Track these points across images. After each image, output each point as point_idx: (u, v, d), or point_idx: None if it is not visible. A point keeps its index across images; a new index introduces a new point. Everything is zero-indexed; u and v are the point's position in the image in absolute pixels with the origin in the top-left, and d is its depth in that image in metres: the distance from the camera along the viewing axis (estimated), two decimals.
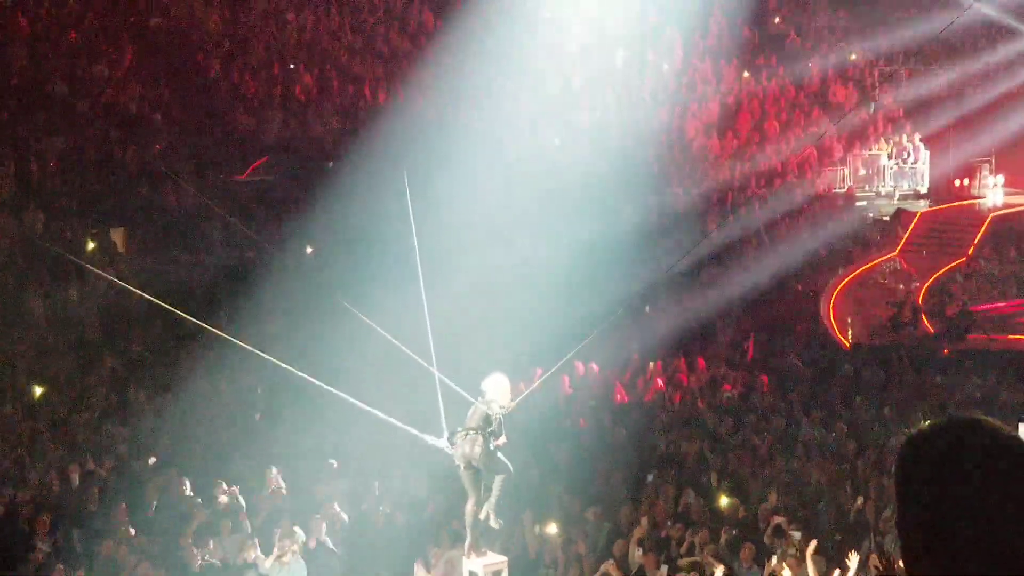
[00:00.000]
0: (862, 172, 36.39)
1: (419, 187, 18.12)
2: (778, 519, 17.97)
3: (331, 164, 31.25)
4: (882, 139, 37.00)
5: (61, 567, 17.25)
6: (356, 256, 27.00)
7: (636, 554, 17.75)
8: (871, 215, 35.72)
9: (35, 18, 32.33)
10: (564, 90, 35.69)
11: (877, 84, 38.63)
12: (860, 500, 18.77)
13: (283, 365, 15.92)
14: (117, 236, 28.15)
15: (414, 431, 15.73)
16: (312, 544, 18.22)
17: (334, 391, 16.14)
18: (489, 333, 25.53)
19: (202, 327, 16.98)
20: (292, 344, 23.82)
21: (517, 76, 34.87)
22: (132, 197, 28.63)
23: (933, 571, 2.69)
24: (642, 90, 36.75)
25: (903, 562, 2.80)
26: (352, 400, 15.89)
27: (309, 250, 28.69)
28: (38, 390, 22.85)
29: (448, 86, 34.13)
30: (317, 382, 16.00)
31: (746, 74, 38.61)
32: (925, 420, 22.03)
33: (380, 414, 15.84)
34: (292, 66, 34.39)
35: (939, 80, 37.95)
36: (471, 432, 14.54)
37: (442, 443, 14.74)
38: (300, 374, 15.98)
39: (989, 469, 2.68)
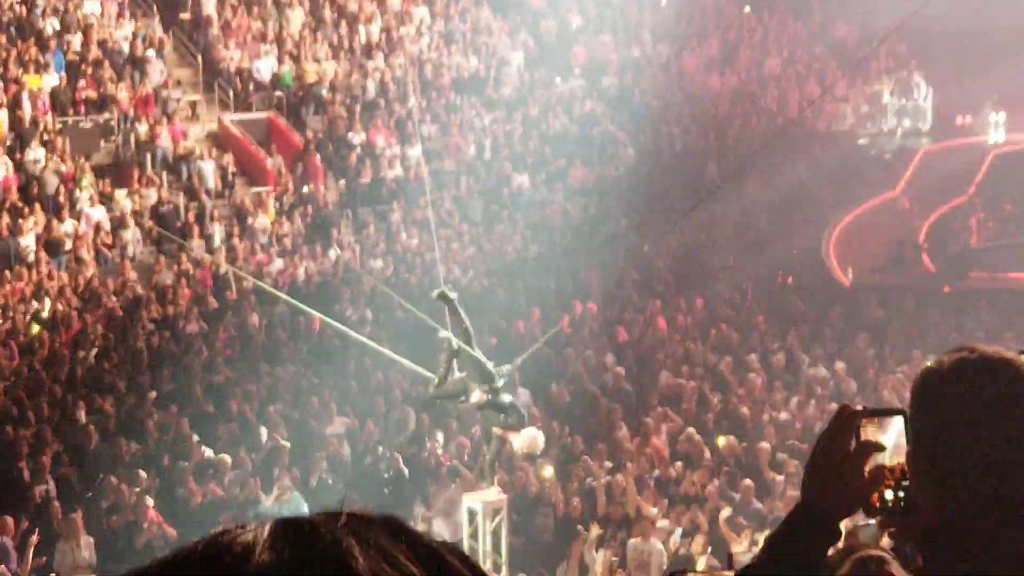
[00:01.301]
0: (864, 109, 36.18)
1: (419, 127, 18.08)
2: (778, 456, 18.01)
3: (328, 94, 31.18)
4: (884, 76, 36.77)
5: (58, 505, 17.30)
6: (359, 197, 27.00)
7: (632, 493, 17.78)
8: (873, 152, 35.54)
9: None
10: (563, 28, 35.44)
11: (879, 19, 38.32)
12: None
13: (284, 298, 15.96)
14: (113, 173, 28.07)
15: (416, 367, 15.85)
16: (313, 482, 18.26)
17: (335, 324, 16.18)
18: (488, 276, 25.50)
19: (200, 263, 16.97)
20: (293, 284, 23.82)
21: (515, 14, 34.67)
22: (129, 136, 28.49)
23: (942, 503, 2.66)
24: (640, 27, 36.49)
25: (912, 494, 2.76)
26: (353, 334, 15.94)
27: (305, 189, 28.59)
28: (35, 327, 22.81)
29: (443, 25, 33.91)
30: (321, 315, 16.05)
31: (747, 9, 38.33)
32: (925, 358, 22.10)
33: (383, 349, 15.90)
34: None
35: (941, 16, 37.65)
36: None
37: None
38: (302, 307, 16.02)
39: (1003, 401, 2.65)
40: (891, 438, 2.77)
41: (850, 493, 2.75)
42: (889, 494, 2.77)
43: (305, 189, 28.47)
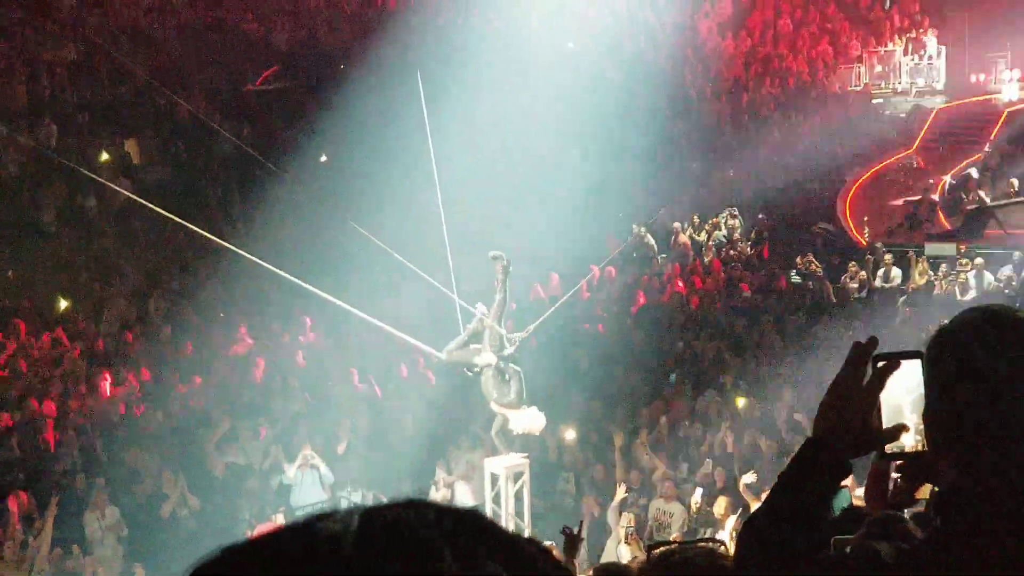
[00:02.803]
0: (878, 69, 36.11)
1: (432, 92, 18.05)
2: (796, 416, 18.07)
3: (343, 66, 31.09)
4: (898, 35, 36.69)
5: (83, 475, 17.43)
6: (371, 164, 26.94)
7: (645, 457, 17.87)
8: (887, 112, 35.50)
9: None
10: None
11: None
12: None
13: (296, 281, 16.01)
14: (131, 146, 28.08)
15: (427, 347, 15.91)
16: (340, 449, 18.37)
17: (344, 305, 16.23)
18: (506, 238, 25.52)
19: (218, 243, 17.04)
20: (307, 253, 23.87)
21: None
22: (145, 108, 28.51)
23: (960, 467, 2.66)
24: None
25: (928, 452, 2.80)
26: (364, 316, 15.99)
27: (323, 159, 28.61)
28: (63, 303, 22.89)
29: None
30: (331, 298, 16.08)
31: None
32: (940, 317, 22.15)
33: (393, 329, 15.98)
34: None
35: None
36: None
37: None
38: (313, 289, 16.07)
39: (1019, 359, 2.64)
40: (910, 382, 2.79)
41: (862, 432, 2.77)
42: (909, 440, 2.84)
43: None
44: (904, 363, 2.81)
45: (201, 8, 32.15)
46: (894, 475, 4.25)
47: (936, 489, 2.92)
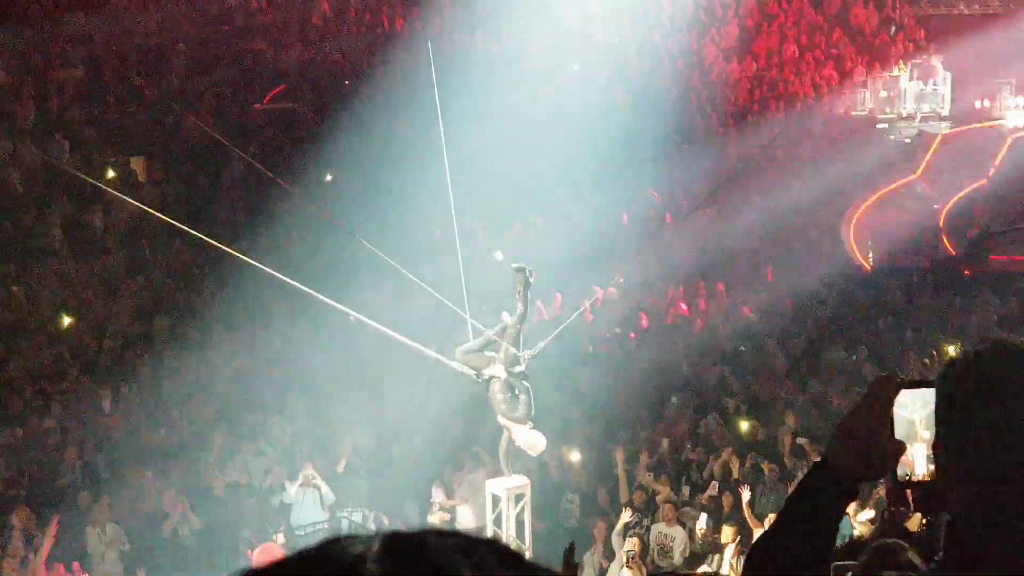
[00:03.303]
0: (883, 94, 36.12)
1: (438, 114, 18.10)
2: (800, 440, 18.05)
3: (350, 86, 31.15)
4: (903, 61, 36.73)
5: (86, 493, 17.43)
6: (376, 183, 26.98)
7: (647, 478, 17.84)
8: (892, 137, 35.51)
9: None
10: (583, 15, 35.42)
11: (898, 5, 38.29)
12: None
13: (305, 289, 16.02)
14: (137, 164, 28.13)
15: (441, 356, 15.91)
16: (340, 468, 18.36)
17: (352, 313, 16.25)
18: (510, 256, 25.53)
19: (225, 253, 17.07)
20: (313, 270, 23.88)
21: (534, 2, 34.64)
22: (152, 126, 28.57)
23: (966, 496, 2.67)
24: (660, 14, 36.47)
25: (937, 482, 2.80)
26: (373, 324, 16.01)
27: (329, 177, 28.66)
28: (66, 320, 22.91)
29: (465, 12, 33.90)
30: (339, 306, 16.10)
31: None
32: (946, 342, 22.16)
33: (404, 338, 15.98)
34: None
35: (960, 1, 37.62)
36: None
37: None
38: (322, 298, 16.08)
39: None
40: (924, 410, 2.81)
41: (875, 459, 2.80)
42: (920, 469, 2.85)
43: None
44: (918, 392, 2.84)
45: (210, 27, 32.23)
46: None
47: (926, 521, 2.94)
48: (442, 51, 31.45)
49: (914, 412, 2.83)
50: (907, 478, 2.86)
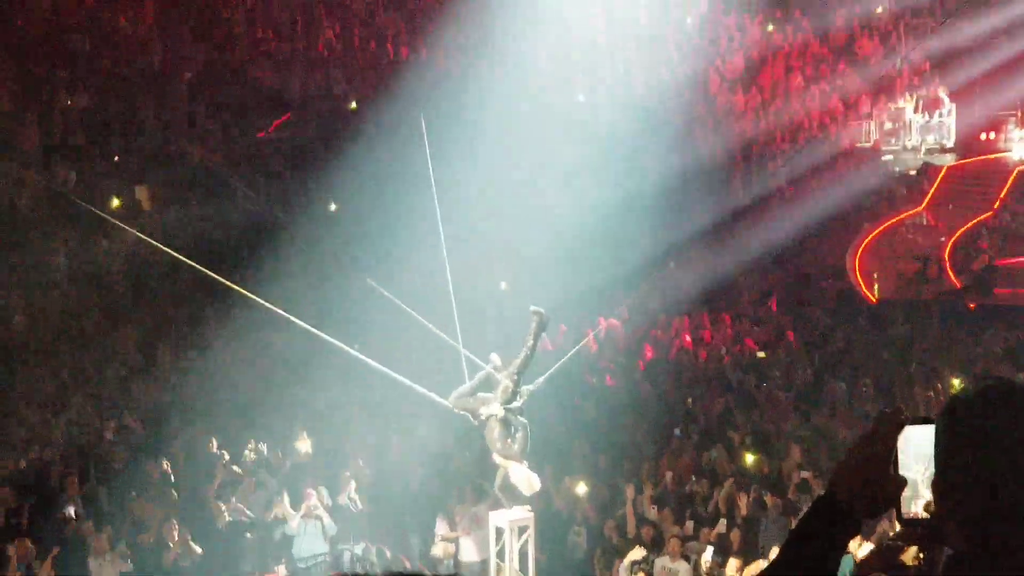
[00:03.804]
0: (888, 126, 36.12)
1: (442, 144, 18.08)
2: (804, 474, 17.96)
3: (354, 104, 31.22)
4: (908, 93, 36.75)
5: (90, 524, 17.36)
6: (380, 214, 26.99)
7: (651, 511, 17.75)
8: (897, 169, 35.51)
9: None
10: (587, 47, 35.48)
11: (903, 37, 38.34)
12: None
13: (306, 326, 15.96)
14: (141, 193, 28.17)
15: (434, 396, 15.83)
16: (342, 500, 18.28)
17: (354, 353, 16.19)
18: (513, 291, 25.53)
19: (227, 284, 17.04)
20: (316, 301, 23.85)
21: (540, 32, 34.70)
22: (156, 154, 28.60)
23: (968, 529, 2.68)
24: (666, 45, 36.52)
25: (937, 518, 2.79)
26: (372, 363, 15.94)
27: (333, 207, 28.68)
28: (71, 349, 22.89)
29: (470, 42, 33.98)
30: (340, 344, 16.04)
31: (771, 27, 38.36)
32: (951, 375, 22.11)
33: (403, 378, 15.91)
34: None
35: (965, 33, 37.65)
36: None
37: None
38: (323, 336, 16.01)
39: None
40: (927, 447, 2.80)
41: (879, 495, 2.80)
42: (920, 508, 2.83)
43: None
44: (921, 428, 2.83)
45: (215, 56, 32.31)
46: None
47: (923, 556, 2.91)
48: (445, 80, 31.62)
49: (919, 449, 2.83)
50: (911, 514, 2.85)
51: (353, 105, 31.28)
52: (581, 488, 18.31)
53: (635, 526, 17.40)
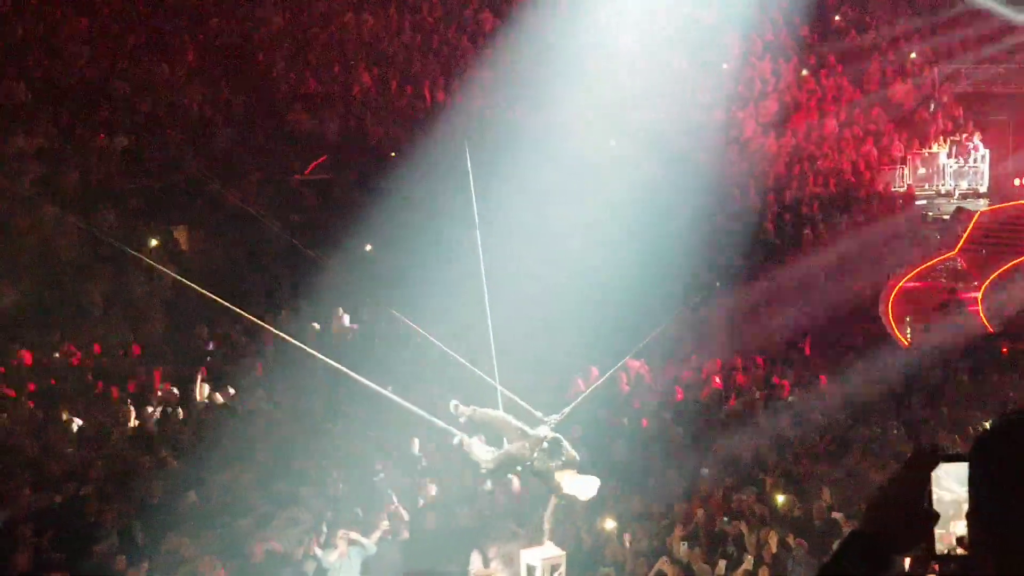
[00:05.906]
0: (921, 171, 36.23)
1: (476, 187, 18.23)
2: (835, 515, 18.00)
3: (393, 154, 31.46)
4: (942, 138, 36.83)
5: (124, 559, 17.48)
6: (416, 255, 27.17)
7: (682, 550, 17.79)
8: (930, 214, 35.56)
9: (96, 17, 32.73)
10: (620, 91, 35.63)
11: (937, 83, 38.46)
12: None
13: (343, 368, 16.09)
14: (180, 234, 28.43)
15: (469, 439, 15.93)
16: (374, 539, 18.35)
17: (388, 394, 16.32)
18: (547, 333, 25.61)
19: (262, 325, 17.24)
20: (353, 342, 24.02)
21: (573, 77, 34.90)
22: (195, 196, 28.85)
23: (1003, 565, 2.69)
24: (699, 90, 36.66)
25: (971, 553, 2.85)
26: (406, 404, 16.05)
27: (368, 248, 28.86)
28: (108, 385, 23.06)
29: (505, 86, 34.20)
30: (374, 386, 16.16)
31: (804, 72, 38.52)
32: (982, 420, 22.09)
33: (437, 420, 16.03)
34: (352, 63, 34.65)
35: (999, 79, 37.76)
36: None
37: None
38: (358, 378, 16.13)
39: None
40: (961, 482, 2.85)
41: (911, 532, 2.85)
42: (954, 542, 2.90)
43: None
44: (954, 465, 2.88)
45: (252, 98, 32.62)
46: None
47: None
48: (481, 124, 31.81)
49: (953, 485, 2.88)
50: (944, 551, 2.90)
51: (392, 154, 31.52)
52: (609, 523, 18.37)
53: (665, 564, 17.46)
